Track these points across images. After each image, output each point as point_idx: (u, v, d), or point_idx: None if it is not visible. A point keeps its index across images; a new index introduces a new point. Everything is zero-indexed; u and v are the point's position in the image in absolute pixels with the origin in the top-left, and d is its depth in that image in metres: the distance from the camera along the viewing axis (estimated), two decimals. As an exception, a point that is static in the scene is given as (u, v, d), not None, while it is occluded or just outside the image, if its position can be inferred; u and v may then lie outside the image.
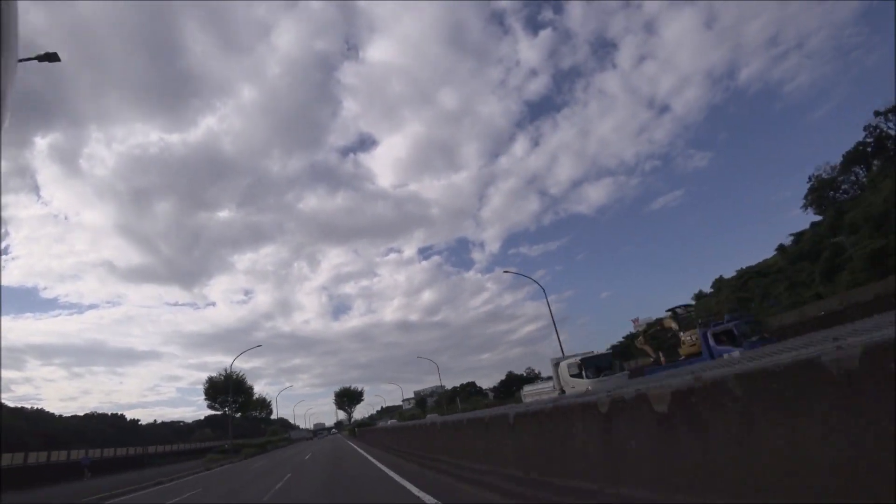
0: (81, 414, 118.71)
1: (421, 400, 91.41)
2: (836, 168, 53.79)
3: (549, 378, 28.07)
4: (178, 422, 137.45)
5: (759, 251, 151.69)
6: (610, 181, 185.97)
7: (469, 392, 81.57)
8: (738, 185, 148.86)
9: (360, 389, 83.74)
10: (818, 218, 54.08)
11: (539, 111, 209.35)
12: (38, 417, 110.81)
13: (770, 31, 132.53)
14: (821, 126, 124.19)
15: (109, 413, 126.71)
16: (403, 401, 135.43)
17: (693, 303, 61.14)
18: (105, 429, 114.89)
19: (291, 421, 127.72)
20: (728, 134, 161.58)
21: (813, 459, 2.31)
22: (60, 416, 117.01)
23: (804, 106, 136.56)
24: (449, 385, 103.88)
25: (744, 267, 64.78)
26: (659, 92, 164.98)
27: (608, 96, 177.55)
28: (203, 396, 53.48)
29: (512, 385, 65.59)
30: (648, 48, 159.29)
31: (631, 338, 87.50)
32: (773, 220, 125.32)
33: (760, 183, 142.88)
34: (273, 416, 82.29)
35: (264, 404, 70.51)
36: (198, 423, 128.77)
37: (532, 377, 67.79)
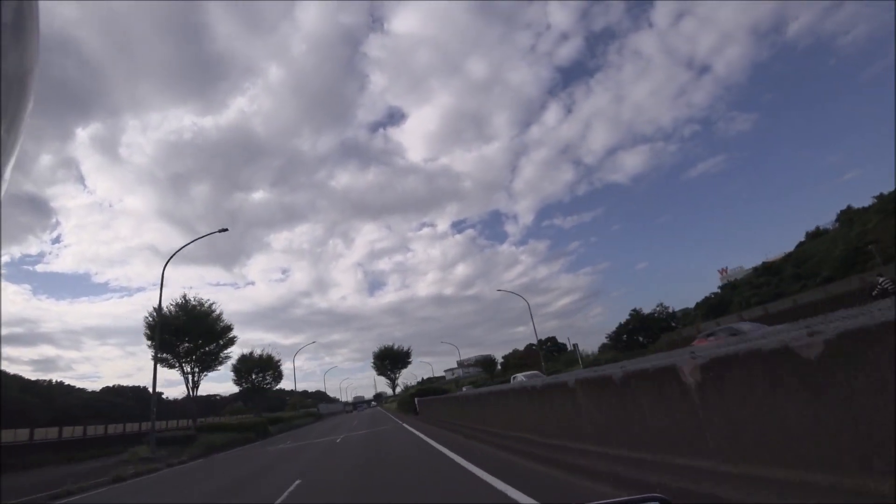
0: (99, 388, 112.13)
1: (487, 361, 71.20)
2: None
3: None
4: (215, 395, 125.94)
5: (808, 218, 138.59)
6: (646, 148, 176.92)
7: (550, 349, 61.62)
8: (785, 149, 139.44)
9: (405, 349, 64.95)
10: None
11: (571, 77, 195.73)
12: (54, 392, 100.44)
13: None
14: (878, 83, 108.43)
15: (131, 386, 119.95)
16: (446, 371, 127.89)
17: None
18: (124, 402, 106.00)
19: (330, 394, 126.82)
20: (774, 94, 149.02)
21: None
22: (83, 389, 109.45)
23: (860, 61, 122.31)
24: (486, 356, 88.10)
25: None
26: (698, 51, 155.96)
27: (644, 58, 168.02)
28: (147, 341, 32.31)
29: (642, 330, 44.09)
30: (687, 4, 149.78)
31: (730, 287, 67.09)
32: (822, 187, 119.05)
33: (809, 146, 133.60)
34: (284, 383, 63.82)
35: (270, 364, 50.83)
36: (234, 397, 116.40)
37: (664, 316, 46.48)
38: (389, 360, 64.02)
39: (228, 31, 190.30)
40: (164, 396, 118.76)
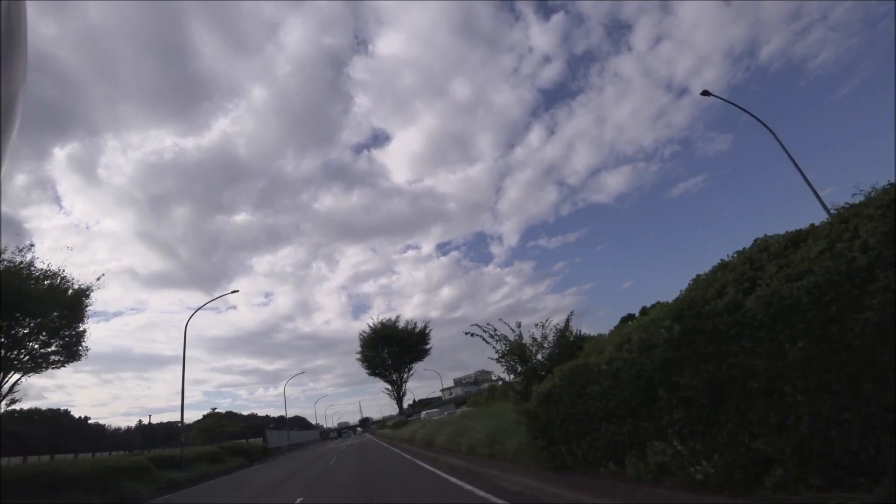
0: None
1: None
2: None
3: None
4: (175, 423, 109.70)
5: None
6: (628, 168, 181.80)
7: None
8: (762, 168, 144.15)
9: (417, 328, 38.02)
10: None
11: (554, 99, 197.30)
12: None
13: (792, 3, 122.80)
14: (847, 103, 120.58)
15: (45, 408, 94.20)
16: (443, 391, 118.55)
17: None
18: (33, 432, 78.59)
19: (312, 421, 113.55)
20: (749, 115, 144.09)
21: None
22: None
23: (829, 82, 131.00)
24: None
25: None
26: (677, 74, 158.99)
27: (624, 80, 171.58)
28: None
29: None
30: (664, 28, 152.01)
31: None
32: (799, 203, 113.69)
33: (784, 165, 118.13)
34: (266, 409, 35.23)
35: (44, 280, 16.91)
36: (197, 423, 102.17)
37: None
38: (392, 350, 37.42)
39: (212, 52, 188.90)
40: (88, 421, 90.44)
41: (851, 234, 2.95)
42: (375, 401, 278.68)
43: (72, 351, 18.67)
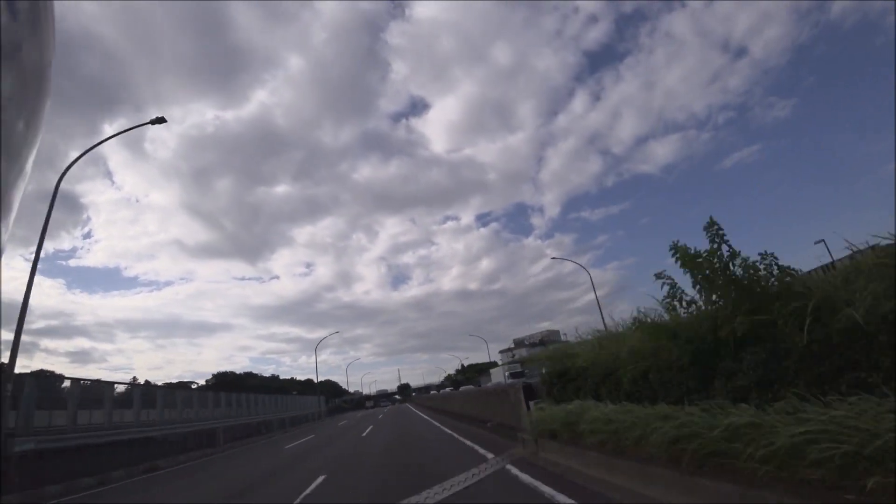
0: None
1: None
2: None
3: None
4: (190, 383, 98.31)
5: (853, 211, 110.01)
6: (678, 137, 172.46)
7: None
8: (827, 137, 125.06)
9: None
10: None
11: (599, 62, 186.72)
12: None
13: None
14: None
15: None
16: (502, 352, 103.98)
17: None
18: None
19: (350, 389, 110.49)
20: (816, 78, 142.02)
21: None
22: None
23: None
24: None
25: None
26: (735, 32, 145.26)
27: (676, 41, 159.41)
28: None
29: None
30: None
31: None
32: (867, 177, 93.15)
33: (853, 133, 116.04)
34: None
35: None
36: (209, 384, 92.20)
37: None
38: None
39: (248, 22, 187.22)
40: None
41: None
42: (413, 370, 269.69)
43: None
